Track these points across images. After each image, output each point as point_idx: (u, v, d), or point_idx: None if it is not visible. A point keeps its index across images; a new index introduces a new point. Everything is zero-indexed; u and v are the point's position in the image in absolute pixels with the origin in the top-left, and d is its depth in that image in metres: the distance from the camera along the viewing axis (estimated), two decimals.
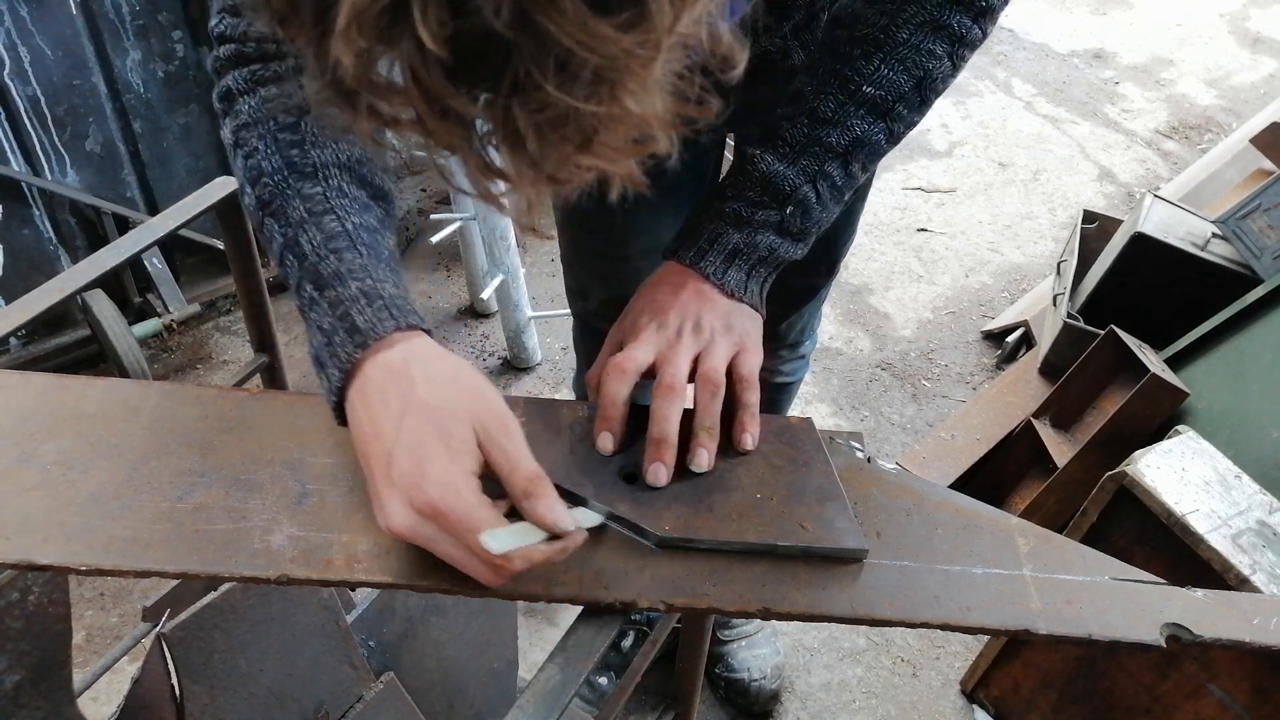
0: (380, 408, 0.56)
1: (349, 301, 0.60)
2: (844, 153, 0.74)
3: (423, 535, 0.54)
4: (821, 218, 0.76)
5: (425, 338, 0.60)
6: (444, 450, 0.54)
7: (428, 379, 0.57)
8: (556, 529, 0.55)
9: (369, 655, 0.96)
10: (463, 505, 0.53)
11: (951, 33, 0.72)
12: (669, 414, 0.65)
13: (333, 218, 0.63)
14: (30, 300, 0.88)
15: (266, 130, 0.65)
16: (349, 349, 0.58)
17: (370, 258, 0.62)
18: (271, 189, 0.64)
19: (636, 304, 0.74)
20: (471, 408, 0.56)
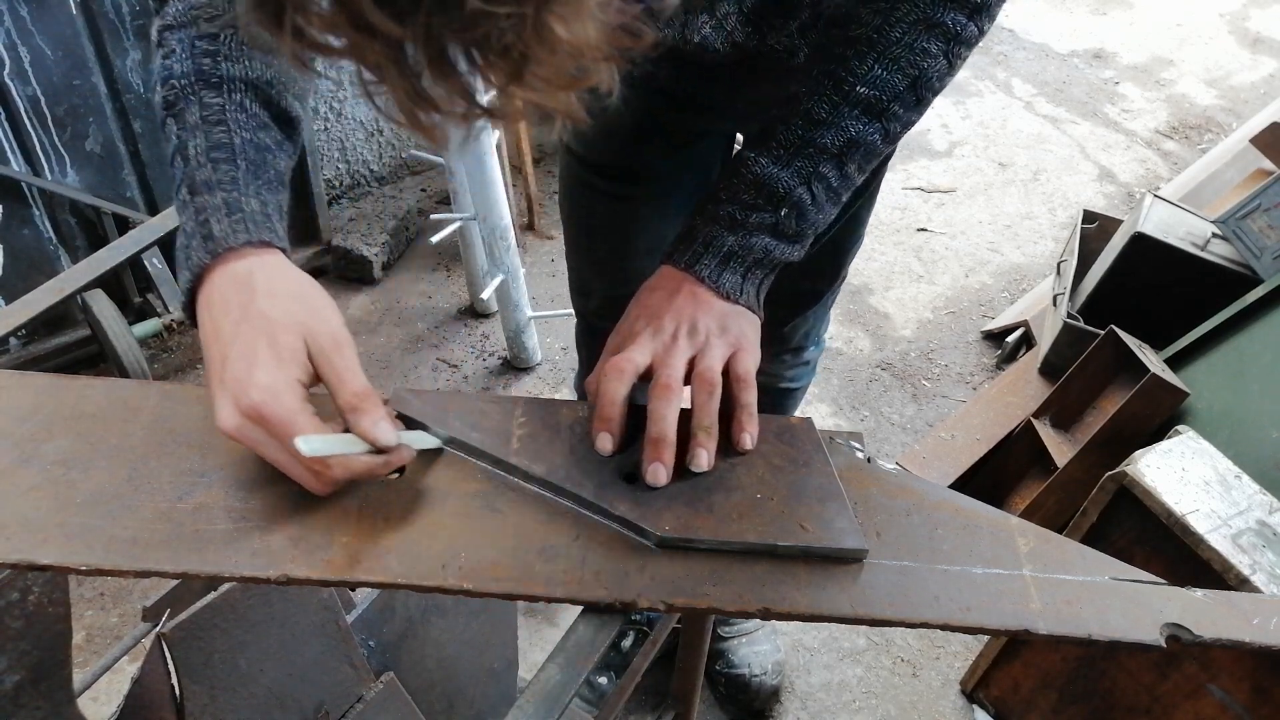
0: (221, 314, 0.59)
1: (210, 210, 0.62)
2: (839, 154, 0.73)
3: (249, 437, 0.57)
4: (818, 219, 0.76)
5: (277, 254, 0.63)
6: (272, 357, 0.57)
7: (269, 291, 0.59)
8: (378, 444, 0.58)
9: (369, 655, 0.96)
10: (283, 409, 0.55)
11: (946, 30, 0.72)
12: (666, 414, 0.65)
13: (223, 129, 0.65)
14: (30, 300, 0.88)
15: (187, 35, 0.67)
16: (201, 254, 0.61)
17: (247, 173, 0.65)
18: (177, 92, 0.66)
19: (633, 309, 0.74)
20: (306, 322, 0.59)
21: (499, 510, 0.63)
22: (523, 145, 2.54)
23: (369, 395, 0.59)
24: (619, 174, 1.09)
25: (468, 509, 0.63)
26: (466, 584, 0.58)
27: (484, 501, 0.64)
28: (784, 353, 1.31)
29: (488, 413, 0.70)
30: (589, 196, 1.13)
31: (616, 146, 1.07)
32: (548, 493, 0.65)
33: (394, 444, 0.59)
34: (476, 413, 0.69)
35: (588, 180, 1.11)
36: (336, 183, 2.60)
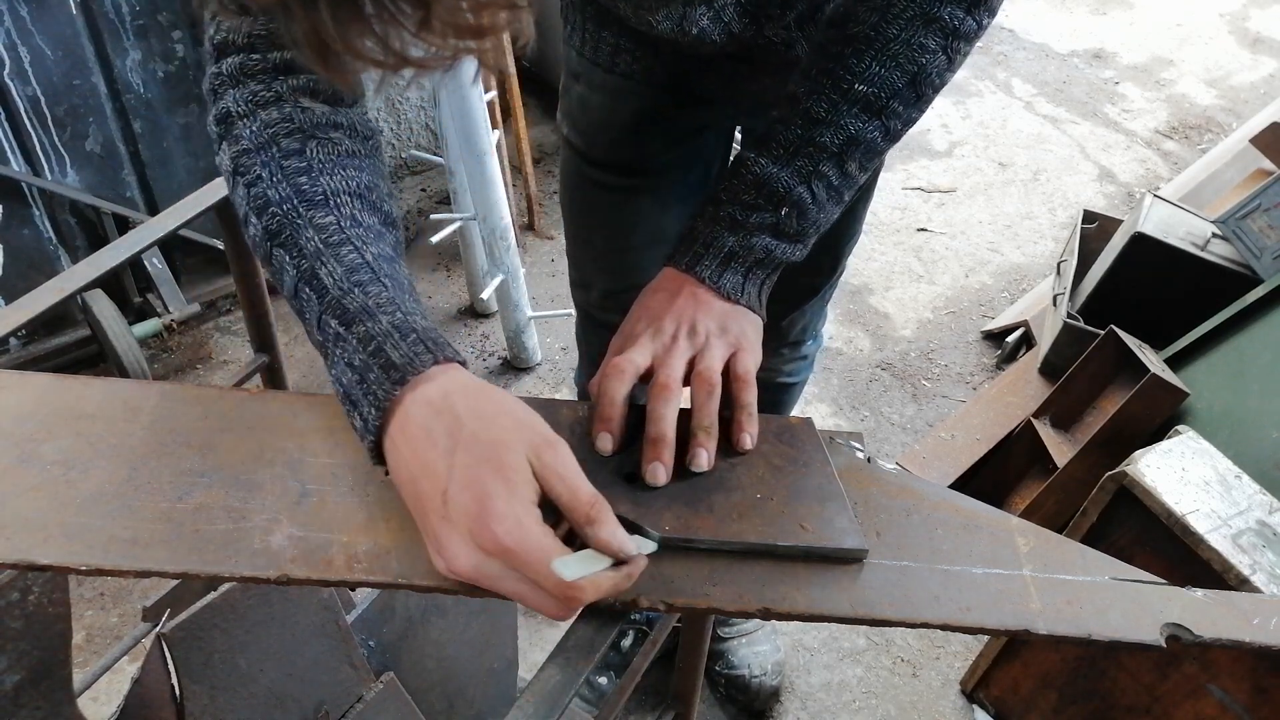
0: (428, 446, 0.54)
1: (381, 337, 0.57)
2: (839, 152, 0.73)
3: (488, 574, 0.52)
4: (819, 218, 0.75)
5: (462, 370, 0.59)
6: (503, 484, 0.52)
7: (474, 413, 0.55)
8: (622, 554, 0.54)
9: (369, 655, 0.96)
10: (530, 539, 0.51)
11: (944, 25, 0.72)
12: (665, 413, 0.65)
13: (350, 249, 0.61)
14: (30, 300, 0.88)
15: (270, 157, 0.63)
16: (386, 386, 0.56)
17: (395, 289, 0.60)
18: (280, 219, 0.61)
19: (634, 312, 0.74)
20: (523, 437, 0.54)
21: None
22: (523, 145, 2.54)
23: (602, 503, 0.54)
24: (618, 167, 1.09)
25: None
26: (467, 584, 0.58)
27: None
28: (782, 347, 1.31)
29: None
30: (589, 189, 1.13)
31: (615, 140, 1.07)
32: None
33: (634, 553, 0.55)
34: None
35: (587, 174, 1.11)
36: None
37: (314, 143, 0.64)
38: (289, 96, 0.64)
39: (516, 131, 2.53)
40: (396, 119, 2.64)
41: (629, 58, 0.98)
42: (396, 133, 2.66)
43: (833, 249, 1.18)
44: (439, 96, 1.89)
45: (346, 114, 0.67)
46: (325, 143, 0.64)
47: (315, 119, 0.64)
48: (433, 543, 0.54)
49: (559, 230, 2.65)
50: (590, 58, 1.01)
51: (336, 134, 0.65)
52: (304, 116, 0.64)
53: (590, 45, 1.00)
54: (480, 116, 1.83)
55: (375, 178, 0.67)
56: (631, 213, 1.12)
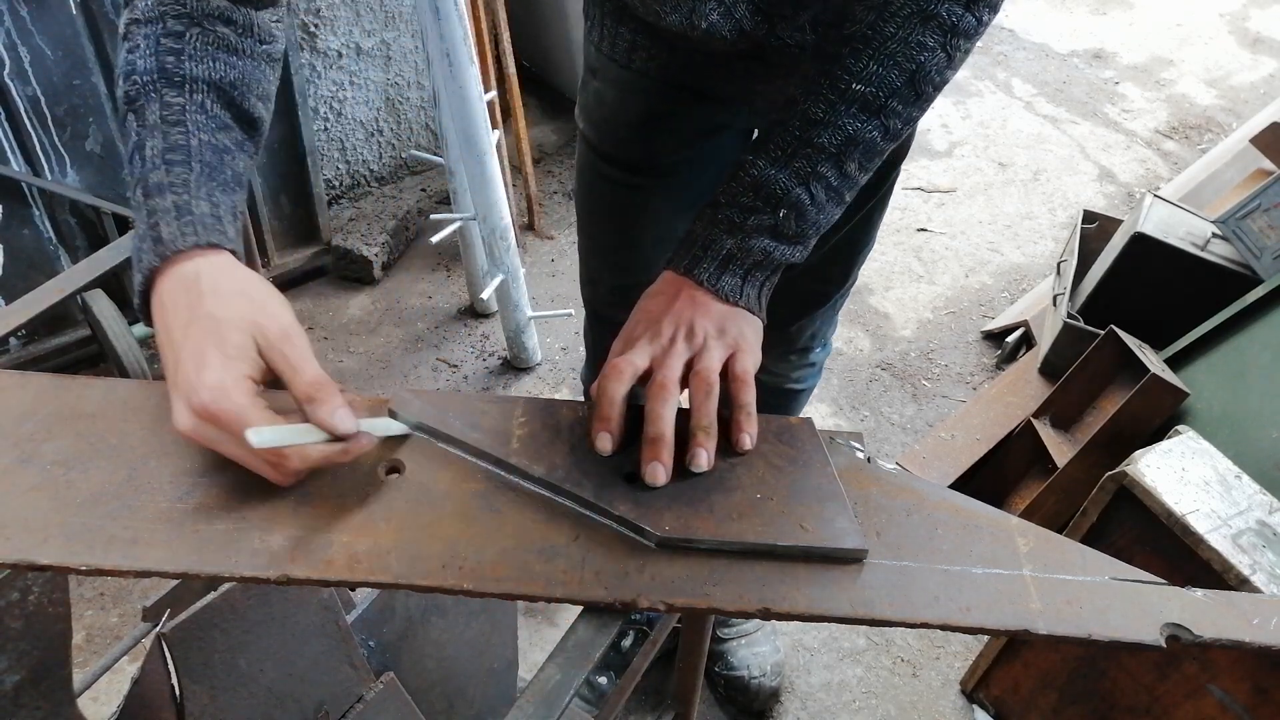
0: (172, 317, 0.60)
1: (161, 213, 0.63)
2: (837, 153, 0.73)
3: (205, 436, 0.58)
4: (819, 219, 0.75)
5: (225, 255, 0.63)
6: (219, 356, 0.58)
7: (214, 291, 0.60)
8: (335, 432, 0.59)
9: (369, 655, 0.96)
10: (232, 405, 0.56)
11: (942, 22, 0.71)
12: (663, 413, 0.66)
13: (181, 130, 0.65)
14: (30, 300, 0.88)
15: (153, 31, 0.67)
16: (150, 258, 0.62)
17: (201, 175, 0.65)
18: (139, 88, 0.66)
19: (633, 315, 0.74)
20: (254, 318, 0.60)
21: (499, 510, 0.63)
22: (523, 145, 2.54)
23: (324, 384, 0.60)
24: (630, 164, 1.10)
25: (468, 509, 0.63)
26: (466, 584, 0.58)
27: (484, 501, 0.64)
28: (790, 353, 1.31)
29: (488, 413, 0.70)
30: (602, 184, 1.14)
31: (628, 136, 1.08)
32: (548, 493, 0.65)
33: (352, 431, 0.60)
34: (476, 413, 0.69)
35: (600, 169, 1.12)
36: (336, 183, 2.60)
37: (196, 29, 0.68)
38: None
39: (516, 131, 2.53)
40: (396, 119, 2.64)
41: (644, 54, 0.99)
42: (396, 133, 2.66)
43: (845, 257, 1.18)
44: (439, 96, 1.89)
45: (247, 13, 0.71)
46: (208, 32, 0.68)
47: (208, 8, 0.69)
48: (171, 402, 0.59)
49: (559, 230, 2.65)
50: (608, 53, 1.02)
51: (224, 28, 0.69)
52: (197, 4, 0.68)
53: (608, 41, 1.01)
54: (480, 116, 1.83)
55: (248, 75, 0.71)
56: (641, 210, 1.13)
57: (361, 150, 2.62)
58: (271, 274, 2.31)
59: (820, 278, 1.19)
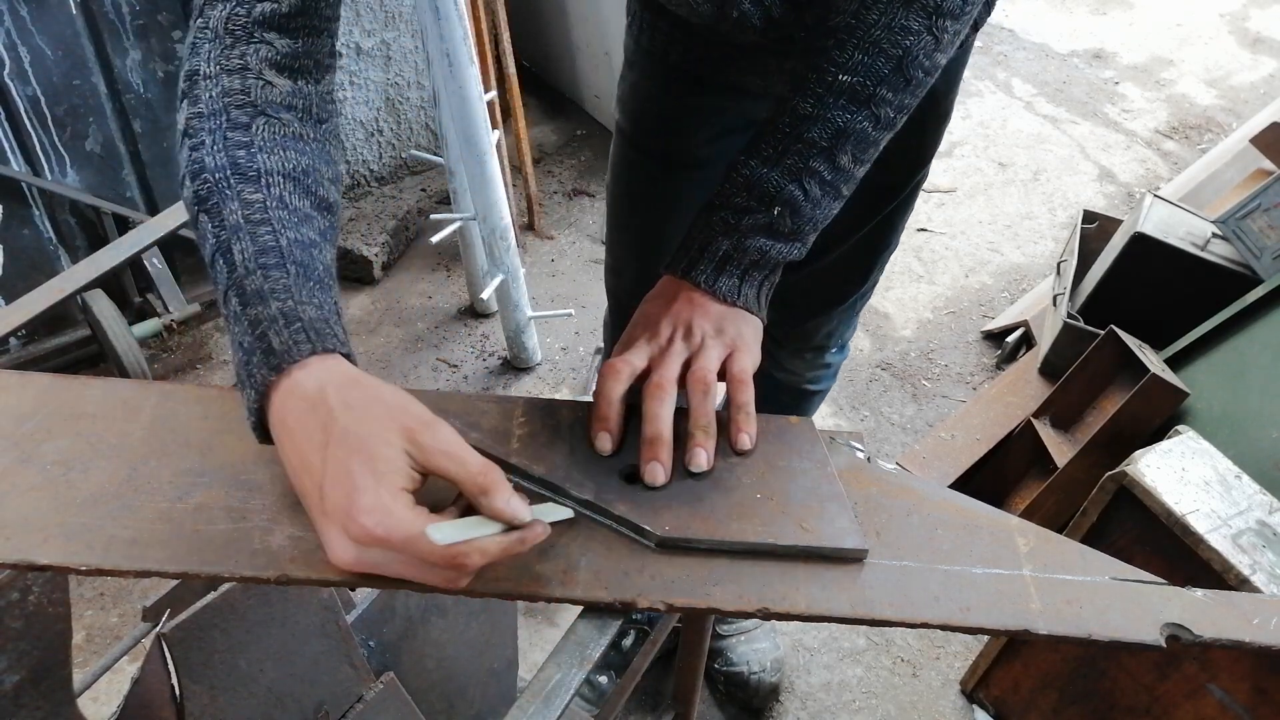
0: (304, 440, 0.56)
1: (267, 322, 0.58)
2: (828, 147, 0.72)
3: (372, 562, 0.54)
4: (816, 215, 0.75)
5: (341, 360, 0.60)
6: (370, 476, 0.53)
7: (346, 405, 0.56)
8: (515, 521, 0.55)
9: (369, 655, 0.96)
10: (399, 523, 0.52)
11: (924, 4, 0.71)
12: (659, 412, 0.66)
13: (268, 229, 0.62)
14: (30, 300, 0.88)
15: (218, 125, 0.64)
16: (263, 371, 0.57)
17: (298, 277, 0.61)
18: (211, 186, 0.63)
19: (634, 319, 0.75)
20: (396, 425, 0.56)
21: None
22: (523, 145, 2.54)
23: (492, 470, 0.56)
24: (662, 156, 1.11)
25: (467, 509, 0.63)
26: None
27: None
28: (805, 350, 1.31)
29: (488, 413, 0.70)
30: (634, 175, 1.16)
31: (661, 128, 1.10)
32: (548, 493, 0.65)
33: (528, 520, 0.56)
34: (476, 413, 0.69)
35: (633, 159, 1.14)
36: None
37: (262, 119, 0.65)
38: (255, 67, 0.65)
39: (516, 131, 2.53)
40: (396, 119, 2.64)
41: (680, 49, 1.01)
42: (396, 133, 2.66)
43: (866, 258, 1.18)
44: (439, 96, 1.89)
45: (306, 94, 0.68)
46: (274, 121, 0.66)
47: (271, 96, 0.66)
48: (319, 536, 0.56)
49: (559, 230, 2.65)
50: (645, 47, 1.04)
51: (288, 115, 0.67)
52: (261, 92, 0.65)
53: (646, 35, 1.03)
54: (480, 116, 1.83)
55: (318, 162, 0.68)
56: (673, 201, 1.14)
57: (361, 150, 2.62)
58: None
59: (840, 277, 1.20)
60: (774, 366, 1.33)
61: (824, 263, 1.15)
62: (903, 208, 1.14)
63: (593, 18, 2.66)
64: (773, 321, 0.78)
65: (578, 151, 2.95)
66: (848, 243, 1.13)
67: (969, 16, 0.73)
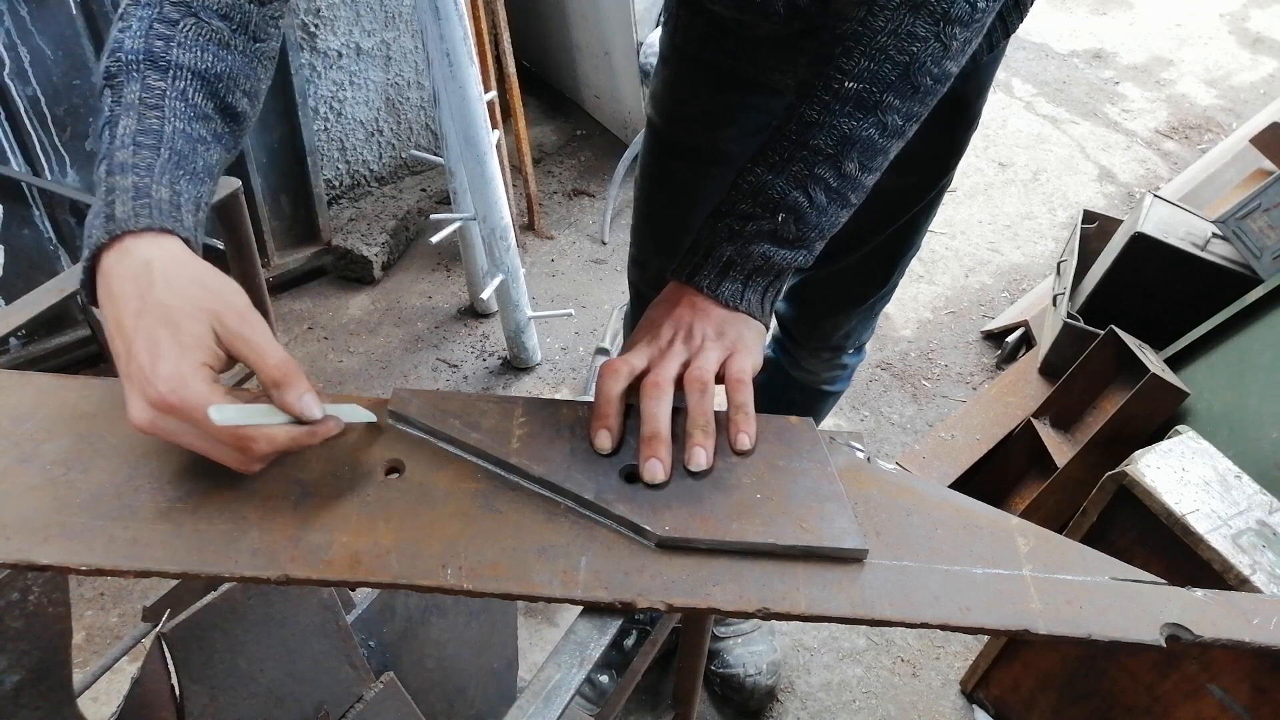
0: (121, 305, 0.58)
1: (119, 191, 0.61)
2: (834, 154, 0.72)
3: (164, 429, 0.57)
4: (821, 222, 0.75)
5: (178, 242, 0.61)
6: (175, 346, 0.56)
7: (166, 279, 0.58)
8: (303, 417, 0.58)
9: (369, 655, 0.96)
10: (191, 393, 0.55)
11: (932, 10, 0.70)
12: (657, 411, 0.66)
13: (157, 114, 0.64)
14: (30, 300, 0.88)
15: (148, 15, 0.66)
16: (100, 234, 0.60)
17: (168, 161, 0.63)
18: (122, 65, 0.65)
19: (639, 323, 0.75)
20: (209, 306, 0.58)
21: (499, 510, 0.64)
22: (523, 145, 2.54)
23: (290, 367, 0.59)
24: (691, 150, 1.14)
25: (468, 509, 0.63)
26: (466, 584, 0.58)
27: (484, 501, 0.64)
28: (823, 350, 1.31)
29: (488, 413, 0.70)
30: (664, 169, 1.19)
31: (694, 125, 1.12)
32: (548, 492, 0.65)
33: (318, 416, 0.59)
34: (476, 413, 0.69)
35: (666, 155, 1.17)
36: (336, 183, 2.60)
37: (192, 20, 0.67)
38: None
39: (516, 131, 2.53)
40: (396, 119, 2.64)
41: (715, 46, 1.03)
42: (396, 133, 2.66)
43: (887, 261, 1.18)
44: (439, 96, 1.89)
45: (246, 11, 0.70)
46: (203, 24, 0.68)
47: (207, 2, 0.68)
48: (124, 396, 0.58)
49: (559, 230, 2.65)
50: (680, 45, 1.06)
51: (219, 23, 0.68)
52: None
53: (680, 33, 1.06)
54: (480, 116, 1.83)
55: (236, 70, 0.70)
56: (697, 196, 1.16)
57: (361, 150, 2.62)
58: (271, 274, 2.31)
59: (860, 279, 1.21)
60: (791, 365, 1.34)
61: (845, 263, 1.16)
62: (926, 212, 1.14)
63: (593, 18, 2.66)
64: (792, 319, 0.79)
65: (578, 151, 2.95)
66: (870, 244, 1.14)
67: (980, 24, 0.72)
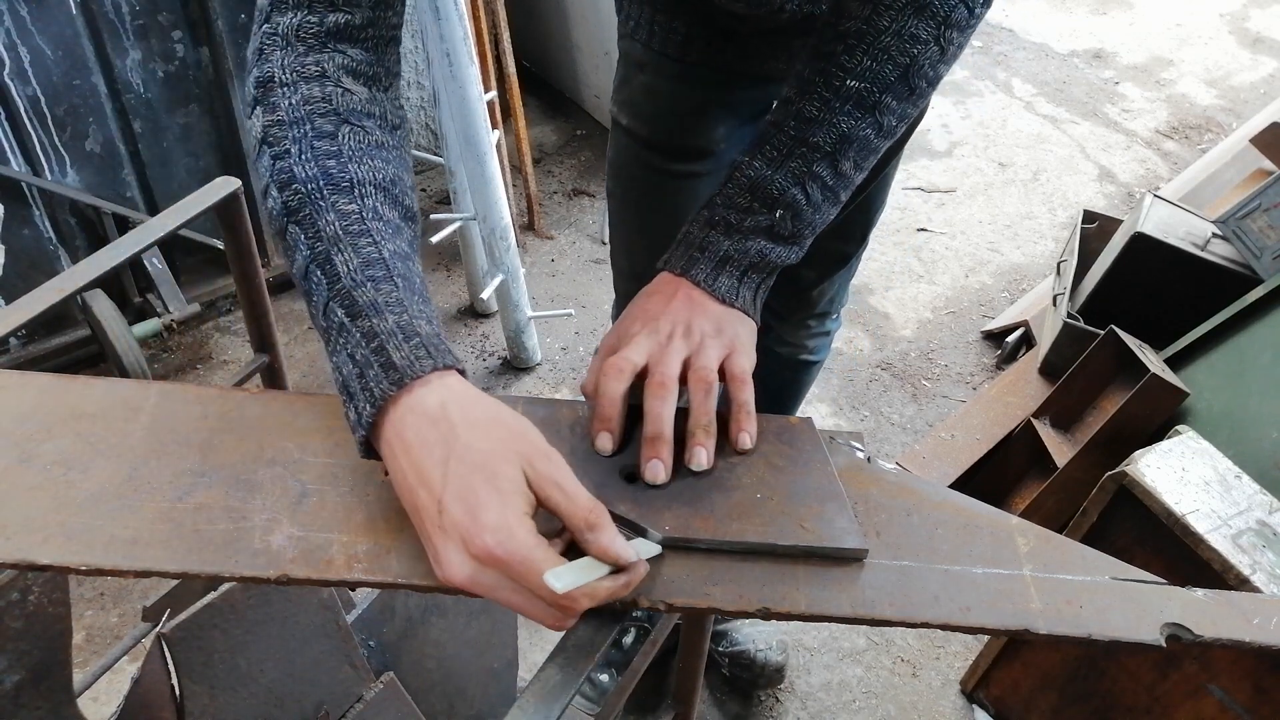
0: (423, 455, 0.55)
1: (385, 335, 0.57)
2: (832, 152, 0.73)
3: (484, 583, 0.53)
4: (815, 219, 0.75)
5: (460, 378, 0.59)
6: (495, 494, 0.53)
7: (469, 422, 0.55)
8: (620, 561, 0.54)
9: (369, 655, 0.97)
10: (521, 548, 0.51)
11: (935, 13, 0.71)
12: (662, 411, 0.66)
13: (368, 241, 0.61)
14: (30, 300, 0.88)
15: (302, 133, 0.63)
16: (384, 385, 0.56)
17: (405, 290, 0.61)
18: (303, 197, 0.62)
19: (629, 313, 0.74)
20: (517, 448, 0.55)
21: None
22: (523, 145, 2.54)
23: (600, 510, 0.55)
24: (684, 153, 1.10)
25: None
26: None
27: None
28: (809, 318, 1.33)
29: None
30: (651, 176, 1.14)
31: (683, 126, 1.08)
32: None
33: (634, 558, 0.55)
34: None
35: (650, 160, 1.12)
36: None
37: (347, 128, 0.64)
38: (333, 74, 0.65)
39: (516, 131, 2.53)
40: None
41: (701, 45, 1.00)
42: None
43: (864, 215, 1.20)
44: (439, 96, 1.89)
45: (382, 101, 0.68)
46: (358, 130, 0.65)
47: (352, 104, 0.65)
48: (431, 551, 0.55)
49: (559, 230, 2.65)
50: (659, 49, 1.03)
51: (369, 123, 0.66)
52: (343, 99, 0.65)
53: (659, 37, 1.02)
54: (480, 116, 1.83)
55: (400, 170, 0.67)
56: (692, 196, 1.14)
57: None
58: (271, 274, 2.31)
59: (842, 237, 1.21)
60: (776, 343, 1.34)
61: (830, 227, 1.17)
62: (895, 163, 1.16)
63: (592, 18, 2.66)
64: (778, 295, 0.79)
65: (578, 151, 2.95)
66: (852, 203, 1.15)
67: (972, 30, 0.74)
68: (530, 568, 0.51)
